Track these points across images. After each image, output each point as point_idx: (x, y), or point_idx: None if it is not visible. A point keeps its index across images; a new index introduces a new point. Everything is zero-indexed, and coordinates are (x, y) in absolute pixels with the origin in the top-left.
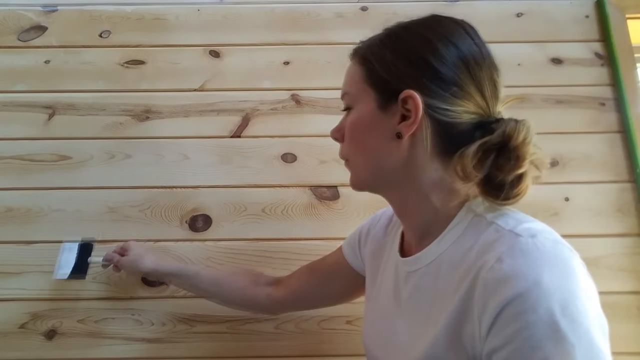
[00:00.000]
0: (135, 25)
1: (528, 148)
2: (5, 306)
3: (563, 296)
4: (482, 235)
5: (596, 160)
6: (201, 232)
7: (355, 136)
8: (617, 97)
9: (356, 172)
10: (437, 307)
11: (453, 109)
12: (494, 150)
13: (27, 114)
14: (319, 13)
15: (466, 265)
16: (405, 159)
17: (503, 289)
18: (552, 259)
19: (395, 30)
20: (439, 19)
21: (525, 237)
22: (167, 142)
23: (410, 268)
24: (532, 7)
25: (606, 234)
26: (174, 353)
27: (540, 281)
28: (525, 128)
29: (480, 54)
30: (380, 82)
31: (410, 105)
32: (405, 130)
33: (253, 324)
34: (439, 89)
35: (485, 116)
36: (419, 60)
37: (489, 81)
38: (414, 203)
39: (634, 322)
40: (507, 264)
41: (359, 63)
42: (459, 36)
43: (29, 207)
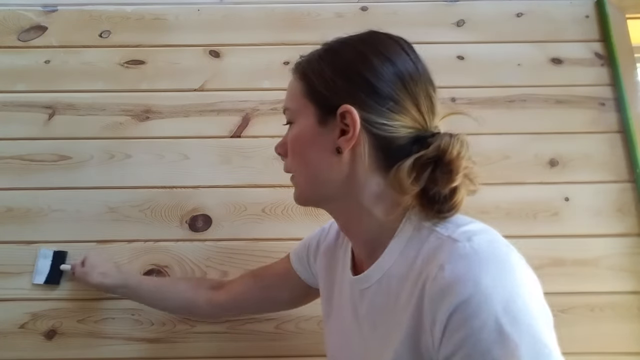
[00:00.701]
0: (135, 25)
1: (462, 162)
2: (5, 306)
3: (503, 296)
4: (425, 244)
5: (596, 160)
6: (201, 232)
7: (297, 151)
8: (617, 97)
9: (299, 187)
10: (393, 323)
11: (390, 124)
12: (430, 164)
13: (27, 114)
14: (319, 13)
15: (413, 277)
16: (346, 173)
17: (447, 297)
18: (489, 259)
19: (334, 45)
20: (376, 35)
21: (462, 242)
22: (167, 142)
23: (362, 286)
24: (532, 7)
25: (606, 234)
26: (174, 353)
27: (479, 284)
28: (459, 142)
29: (415, 70)
30: (319, 97)
31: (348, 120)
32: (345, 145)
33: (253, 324)
34: (376, 104)
35: (422, 130)
36: (356, 76)
37: (425, 96)
38: (357, 217)
39: (634, 322)
40: (448, 271)
41: (299, 78)
42: (395, 52)
43: (29, 207)
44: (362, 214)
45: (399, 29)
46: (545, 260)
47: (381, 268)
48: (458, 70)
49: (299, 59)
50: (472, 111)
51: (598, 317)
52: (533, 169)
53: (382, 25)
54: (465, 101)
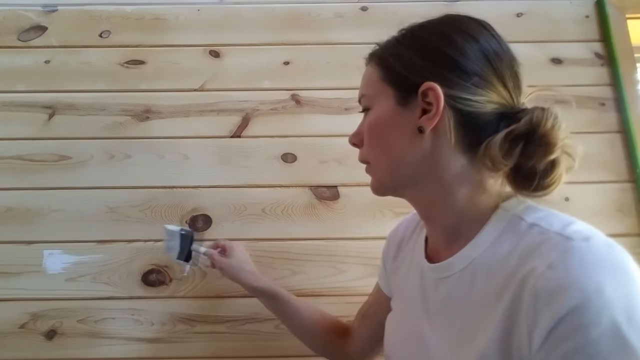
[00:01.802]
0: (135, 25)
1: (558, 133)
2: (5, 306)
3: (628, 305)
4: (524, 238)
5: (596, 160)
6: (201, 232)
7: (376, 136)
8: (617, 97)
9: (378, 174)
10: (474, 317)
11: (475, 99)
12: (522, 139)
13: (27, 114)
14: (319, 13)
15: (507, 272)
16: (428, 154)
17: (558, 299)
18: (610, 264)
19: (411, 28)
20: (456, 16)
21: (578, 241)
22: (167, 142)
23: (440, 275)
24: (532, 7)
25: (606, 234)
26: (174, 353)
27: (602, 290)
28: (552, 115)
29: (499, 47)
30: (399, 78)
31: (430, 98)
32: (427, 124)
33: (253, 324)
34: (460, 80)
35: (509, 107)
36: (437, 53)
37: (511, 72)
38: (439, 202)
39: None
40: (561, 271)
41: (375, 64)
42: (477, 30)
43: (29, 207)
44: (444, 198)
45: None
46: None
47: (467, 257)
48: None
49: (374, 47)
50: None
51: None
52: None
53: (382, 25)
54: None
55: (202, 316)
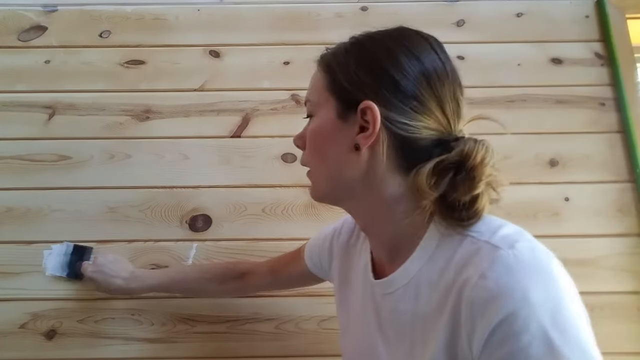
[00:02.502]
0: (135, 25)
1: (485, 169)
2: (5, 306)
3: (551, 307)
4: (458, 249)
5: (596, 160)
6: (201, 232)
7: (315, 145)
8: (617, 97)
9: (316, 182)
10: (422, 330)
11: (412, 124)
12: (451, 169)
13: (27, 114)
14: (319, 13)
15: (446, 283)
16: (364, 171)
17: (491, 308)
18: (534, 269)
19: (361, 39)
20: (405, 32)
21: (505, 250)
22: (167, 142)
23: (385, 290)
24: (532, 7)
25: (606, 234)
26: (174, 353)
27: (528, 296)
28: (484, 148)
29: (443, 70)
30: (341, 91)
31: (368, 117)
32: (363, 142)
33: (253, 324)
34: (399, 102)
35: (445, 133)
36: (381, 72)
37: (452, 98)
38: (377, 218)
39: (634, 322)
40: (492, 280)
41: (323, 70)
42: (424, 50)
43: (29, 207)
44: (382, 214)
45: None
46: None
47: (408, 273)
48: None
49: (325, 51)
50: (472, 111)
51: (598, 317)
52: (533, 169)
53: (382, 25)
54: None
55: (202, 316)
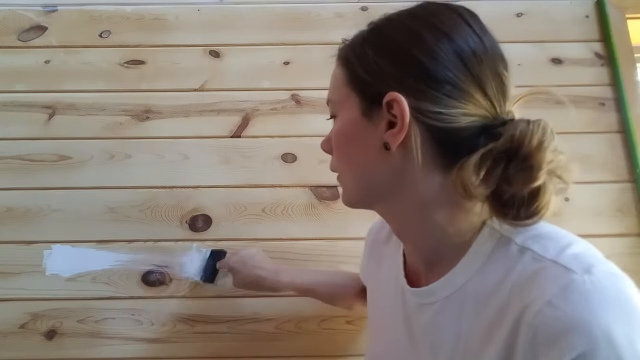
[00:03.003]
0: (135, 25)
1: (544, 155)
2: (5, 306)
3: (635, 349)
4: (516, 264)
5: (596, 160)
6: (201, 232)
7: (341, 148)
8: (617, 97)
9: (346, 188)
10: (465, 350)
11: (448, 112)
12: (503, 159)
13: (27, 114)
14: (319, 13)
15: (499, 302)
16: (398, 172)
17: (561, 343)
18: (617, 301)
19: (380, 23)
20: (430, 7)
21: (579, 274)
22: (167, 142)
23: (422, 300)
24: (532, 7)
25: (606, 234)
26: (174, 353)
27: (610, 334)
28: (540, 129)
29: (480, 45)
30: (363, 85)
31: (395, 110)
32: (392, 140)
33: (253, 324)
34: (430, 90)
35: (490, 118)
36: (405, 57)
37: (493, 76)
38: (415, 222)
39: None
40: (563, 310)
41: (341, 65)
42: (454, 25)
43: (29, 207)
44: (420, 218)
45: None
46: None
47: (452, 284)
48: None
49: (342, 43)
50: None
51: None
52: None
53: None
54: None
55: (202, 316)
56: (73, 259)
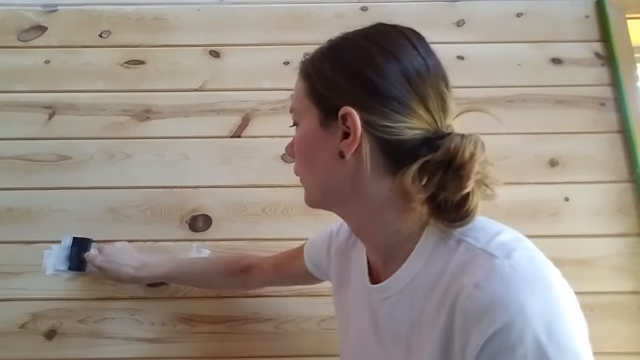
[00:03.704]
0: (135, 25)
1: (474, 166)
2: (5, 306)
3: (547, 320)
4: (454, 254)
5: (596, 160)
6: (201, 232)
7: (302, 154)
8: (617, 97)
9: (307, 190)
10: (418, 337)
11: (394, 125)
12: (440, 168)
13: (27, 114)
14: (319, 13)
15: (441, 290)
16: (351, 177)
17: (485, 320)
18: (531, 280)
19: (337, 41)
20: (382, 29)
21: (501, 259)
22: (167, 142)
23: (382, 295)
24: (532, 7)
25: (606, 234)
26: (174, 353)
27: (524, 308)
28: (472, 143)
29: (424, 66)
30: (321, 98)
31: (349, 123)
32: (347, 149)
33: (253, 324)
34: (379, 105)
35: (432, 131)
36: (358, 75)
37: (435, 94)
38: (369, 223)
39: (634, 322)
40: (486, 291)
41: (302, 77)
42: (401, 47)
43: (29, 207)
44: (373, 219)
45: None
46: None
47: (403, 278)
48: (458, 70)
49: (304, 57)
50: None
51: (598, 317)
52: (533, 169)
53: None
54: (465, 101)
55: (202, 316)
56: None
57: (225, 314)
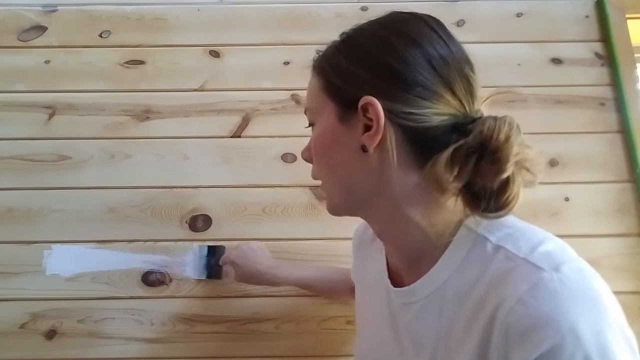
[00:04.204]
0: (135, 25)
1: (512, 148)
2: (5, 306)
3: (601, 342)
4: (491, 263)
5: (596, 160)
6: (201, 232)
7: (321, 154)
8: (617, 97)
9: (330, 194)
10: (446, 346)
11: (419, 112)
12: (474, 154)
13: (27, 114)
14: (319, 13)
15: (476, 299)
16: (376, 172)
17: (532, 338)
18: (583, 297)
19: (351, 33)
20: (397, 16)
21: (548, 272)
22: (167, 142)
23: (406, 300)
24: (532, 7)
25: (606, 234)
26: (174, 353)
27: (576, 329)
28: (506, 125)
29: (447, 49)
30: (338, 91)
31: (370, 113)
32: (369, 142)
33: (253, 324)
34: (401, 92)
35: (460, 117)
36: (376, 63)
37: (460, 77)
38: (395, 223)
39: (634, 322)
40: (533, 307)
41: (317, 74)
42: (421, 32)
43: (29, 207)
44: (400, 218)
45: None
46: None
47: (432, 283)
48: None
49: (317, 53)
50: None
51: None
52: None
53: None
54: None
55: (202, 316)
56: (73, 259)
57: (225, 314)
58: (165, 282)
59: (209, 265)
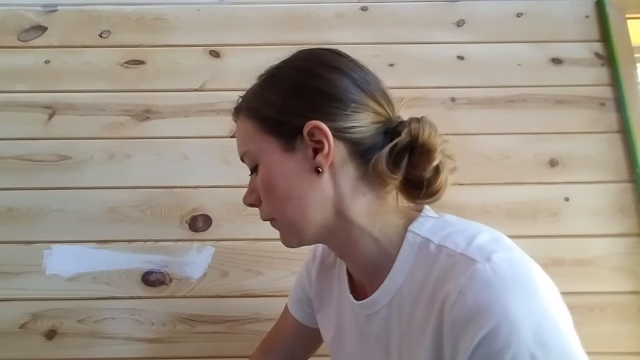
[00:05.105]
0: (135, 25)
1: (436, 140)
2: (5, 306)
3: (533, 321)
4: (436, 262)
5: (596, 160)
6: (201, 232)
7: (272, 190)
8: (617, 97)
9: (286, 229)
10: (409, 348)
11: (359, 124)
12: (406, 150)
13: (27, 114)
14: (319, 13)
15: (427, 298)
16: (331, 192)
17: (471, 326)
18: (513, 282)
19: (270, 72)
20: (310, 51)
21: (481, 263)
22: (167, 142)
23: (369, 311)
24: (532, 7)
25: (606, 234)
26: (174, 353)
27: (509, 312)
28: (427, 123)
29: (362, 71)
30: (277, 125)
31: (318, 136)
32: (324, 161)
33: (253, 324)
34: (339, 110)
35: (388, 122)
36: (308, 91)
37: (380, 91)
38: (355, 240)
39: (634, 322)
40: (470, 297)
41: (247, 117)
42: (338, 60)
43: (29, 207)
44: (359, 235)
45: (399, 29)
46: (545, 260)
47: (389, 290)
48: (458, 70)
49: (237, 101)
50: (472, 111)
51: (598, 317)
52: (533, 169)
53: (382, 25)
54: (465, 101)
55: (202, 316)
56: (73, 259)
57: (225, 314)
58: (165, 282)
59: None
